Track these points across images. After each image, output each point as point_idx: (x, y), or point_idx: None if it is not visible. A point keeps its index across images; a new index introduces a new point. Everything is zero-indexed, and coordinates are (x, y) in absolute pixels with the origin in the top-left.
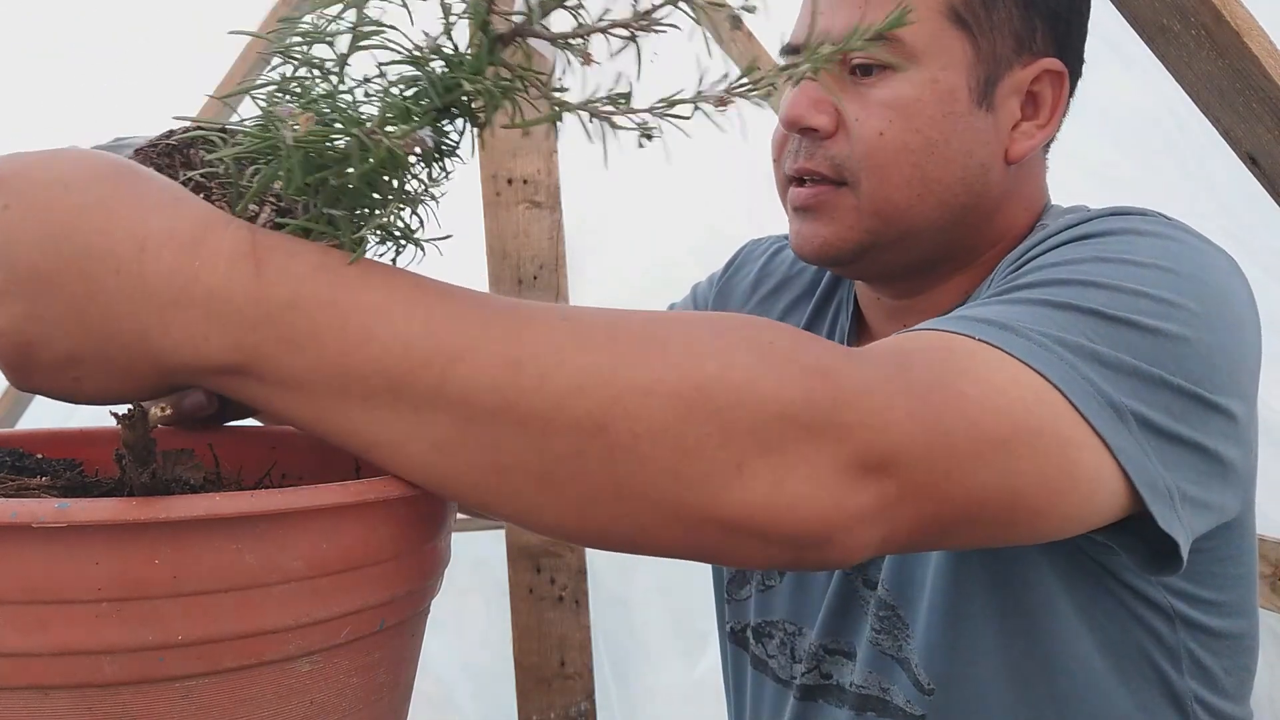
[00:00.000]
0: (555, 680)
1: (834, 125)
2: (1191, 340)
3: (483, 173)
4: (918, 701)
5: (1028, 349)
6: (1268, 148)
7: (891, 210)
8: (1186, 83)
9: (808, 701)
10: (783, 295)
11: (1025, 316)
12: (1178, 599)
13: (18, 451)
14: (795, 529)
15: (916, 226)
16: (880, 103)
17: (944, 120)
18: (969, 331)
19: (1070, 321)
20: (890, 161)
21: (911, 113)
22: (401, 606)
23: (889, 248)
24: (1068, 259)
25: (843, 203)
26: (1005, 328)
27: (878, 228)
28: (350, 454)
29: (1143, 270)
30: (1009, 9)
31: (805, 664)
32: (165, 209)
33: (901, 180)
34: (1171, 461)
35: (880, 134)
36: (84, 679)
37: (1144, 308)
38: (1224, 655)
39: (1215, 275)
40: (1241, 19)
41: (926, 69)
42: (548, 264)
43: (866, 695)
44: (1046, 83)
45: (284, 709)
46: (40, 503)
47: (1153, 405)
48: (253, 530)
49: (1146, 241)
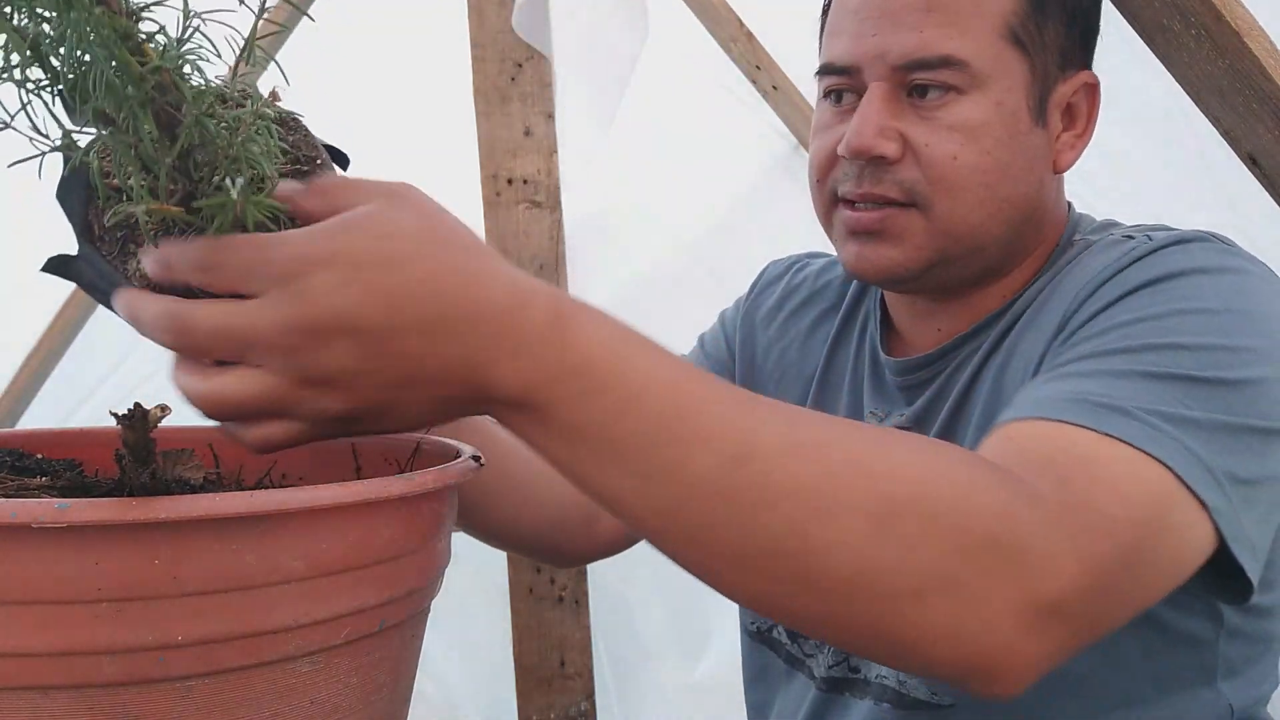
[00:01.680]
0: (555, 680)
1: (901, 151)
2: (1263, 380)
3: (483, 173)
4: (946, 692)
5: (1144, 435)
6: (1268, 148)
7: (964, 230)
8: (1186, 83)
9: (831, 694)
10: (811, 309)
11: (1129, 393)
12: (1230, 608)
13: (18, 451)
14: (961, 660)
15: (983, 243)
16: (949, 126)
17: (1011, 141)
18: (1092, 424)
19: (1168, 392)
20: (965, 184)
21: (981, 135)
22: (401, 607)
23: (953, 264)
24: (1149, 314)
25: (912, 225)
26: (1120, 412)
27: (947, 246)
28: (350, 457)
29: (1217, 319)
30: (1056, 26)
31: (833, 656)
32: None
33: (975, 201)
34: (1251, 503)
35: (954, 158)
36: (84, 679)
37: (1224, 360)
38: (1255, 661)
39: (1271, 302)
40: (1241, 19)
41: (991, 92)
42: (548, 264)
43: (888, 687)
44: (1083, 95)
45: (284, 709)
46: (40, 503)
47: (1239, 455)
48: (253, 530)
49: (1211, 281)
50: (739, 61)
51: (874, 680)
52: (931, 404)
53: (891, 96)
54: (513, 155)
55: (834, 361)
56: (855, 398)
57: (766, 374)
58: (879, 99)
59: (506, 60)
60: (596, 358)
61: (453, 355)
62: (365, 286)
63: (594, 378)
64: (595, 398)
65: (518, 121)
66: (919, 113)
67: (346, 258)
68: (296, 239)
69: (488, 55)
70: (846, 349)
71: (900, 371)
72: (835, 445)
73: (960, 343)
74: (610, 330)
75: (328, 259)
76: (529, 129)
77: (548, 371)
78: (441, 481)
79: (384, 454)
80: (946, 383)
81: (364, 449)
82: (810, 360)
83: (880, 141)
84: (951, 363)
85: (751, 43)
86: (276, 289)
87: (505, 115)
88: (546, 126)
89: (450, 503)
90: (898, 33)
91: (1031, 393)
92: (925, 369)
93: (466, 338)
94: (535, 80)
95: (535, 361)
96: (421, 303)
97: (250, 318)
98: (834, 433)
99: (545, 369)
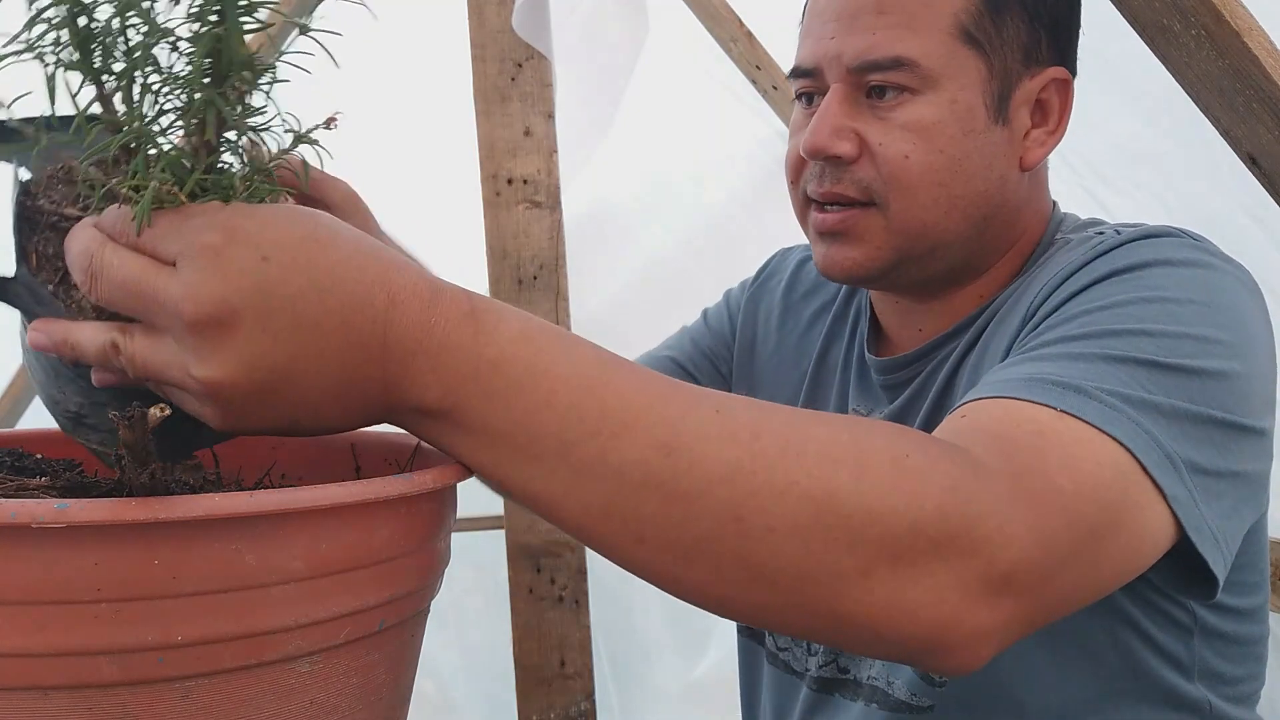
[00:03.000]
0: (555, 680)
1: (857, 151)
2: (1229, 373)
3: (482, 173)
4: (924, 693)
5: (1100, 414)
6: (1268, 148)
7: (920, 228)
8: (1186, 83)
9: (822, 694)
10: (811, 302)
11: (1090, 374)
12: (1204, 608)
13: (18, 451)
14: (912, 636)
15: (943, 241)
16: (902, 126)
17: (965, 139)
18: (1048, 400)
19: (1128, 375)
20: (917, 182)
21: (934, 134)
22: (401, 607)
23: (915, 263)
24: (1111, 302)
25: (871, 224)
26: (1078, 390)
27: (906, 245)
28: (350, 457)
29: (1181, 308)
30: (1016, 24)
31: (821, 657)
32: (402, 268)
33: (929, 199)
34: (1213, 495)
35: (906, 156)
36: (84, 679)
37: (1188, 349)
38: (1237, 661)
39: (1240, 299)
40: (1241, 19)
41: (945, 90)
42: (548, 264)
43: (877, 688)
44: (1053, 91)
45: (284, 709)
46: (40, 503)
47: (1200, 445)
48: (252, 530)
49: (1178, 273)
50: (739, 61)
51: (864, 681)
52: (911, 402)
53: (849, 98)
54: (513, 155)
55: (826, 360)
56: (842, 395)
57: (763, 361)
58: (836, 100)
59: (506, 60)
60: (513, 351)
61: (369, 343)
62: (287, 261)
63: (513, 371)
64: (515, 393)
65: (518, 121)
66: (875, 113)
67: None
68: (220, 208)
69: (488, 55)
70: (839, 347)
71: (883, 371)
72: (766, 429)
73: (940, 343)
74: (524, 324)
75: (255, 230)
76: (529, 129)
77: (464, 366)
78: (441, 481)
79: (384, 454)
80: (925, 381)
81: (364, 449)
82: (805, 356)
83: (835, 141)
84: (930, 362)
85: (751, 43)
86: (196, 257)
87: (505, 115)
88: (546, 126)
89: (450, 503)
90: (852, 35)
91: (991, 376)
92: (906, 368)
93: (387, 325)
94: (535, 80)
95: (454, 353)
96: (343, 284)
97: (162, 278)
98: (765, 417)
99: (462, 362)
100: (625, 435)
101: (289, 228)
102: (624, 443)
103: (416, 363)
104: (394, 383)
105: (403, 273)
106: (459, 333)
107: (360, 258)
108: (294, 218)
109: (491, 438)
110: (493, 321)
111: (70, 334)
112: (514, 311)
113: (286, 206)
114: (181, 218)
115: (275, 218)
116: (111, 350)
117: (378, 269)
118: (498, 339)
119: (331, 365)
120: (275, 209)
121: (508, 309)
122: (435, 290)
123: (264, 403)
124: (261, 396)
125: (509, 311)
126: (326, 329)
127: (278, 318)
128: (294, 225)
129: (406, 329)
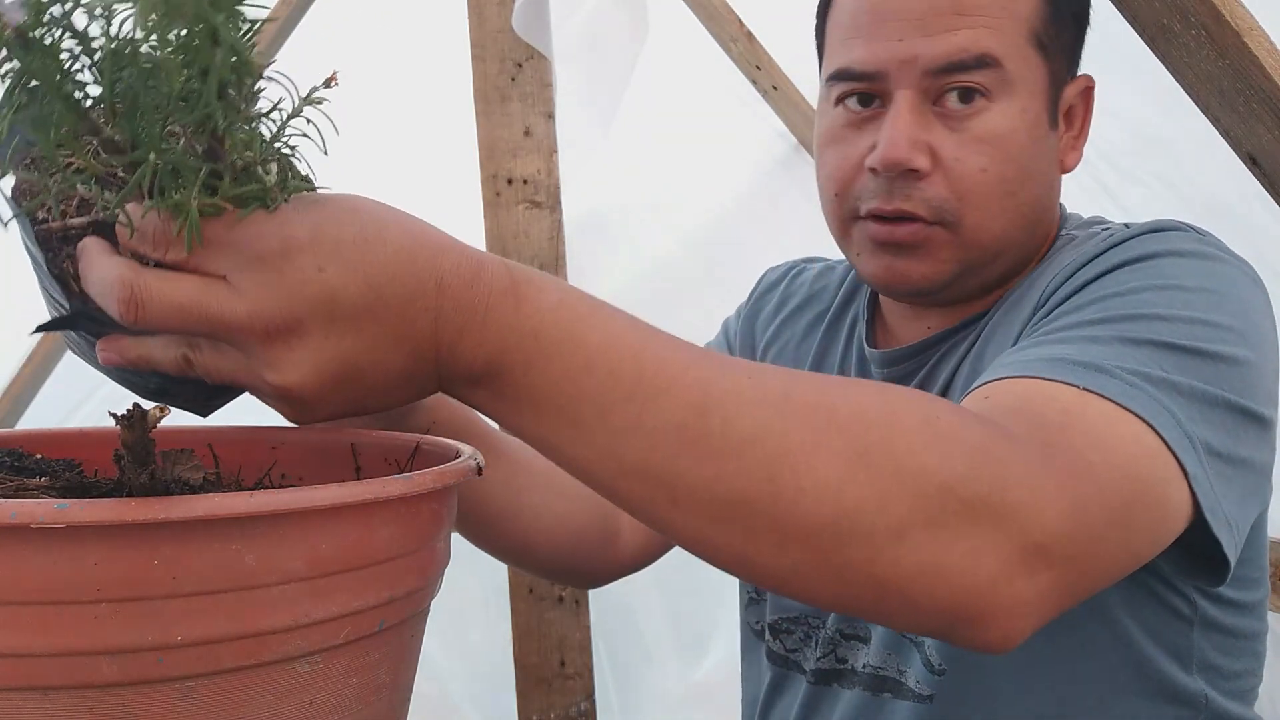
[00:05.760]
0: (555, 680)
1: (931, 165)
2: (1240, 359)
3: (482, 173)
4: (927, 682)
5: (1124, 391)
6: (1268, 148)
7: (989, 239)
8: (1186, 83)
9: (820, 686)
10: (805, 313)
11: (1109, 355)
12: (1205, 600)
13: (17, 451)
14: (947, 602)
15: (1005, 249)
16: (977, 137)
17: (1032, 146)
18: (1071, 379)
19: (1147, 356)
20: (991, 194)
21: (1008, 144)
22: (401, 607)
23: (977, 272)
24: (1125, 289)
25: (942, 239)
26: (1099, 369)
27: (972, 257)
28: (350, 457)
29: (1193, 295)
30: (1070, 30)
31: (820, 649)
32: (447, 250)
33: (999, 209)
34: (1225, 479)
35: (983, 170)
36: (84, 679)
37: (1201, 334)
38: (1235, 655)
39: (1245, 292)
40: (1241, 19)
41: (1018, 97)
42: (548, 264)
43: (880, 676)
44: (1081, 96)
45: (283, 709)
46: (39, 503)
47: (1214, 428)
48: (252, 530)
49: (1187, 264)
50: (739, 61)
51: (861, 670)
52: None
53: (919, 107)
54: (513, 155)
55: (823, 364)
56: None
57: None
58: (907, 110)
59: (506, 60)
60: (552, 320)
61: (424, 328)
62: (344, 266)
63: (551, 339)
64: (554, 360)
65: (518, 121)
66: (946, 124)
67: (329, 236)
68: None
69: (488, 55)
70: (835, 349)
71: (884, 364)
72: (796, 391)
73: (946, 336)
74: (562, 293)
75: (309, 240)
76: (529, 129)
77: (507, 337)
78: (441, 482)
79: (384, 454)
80: (930, 374)
81: (364, 449)
82: (800, 363)
83: (914, 155)
84: (936, 354)
85: (751, 43)
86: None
87: (505, 115)
88: (546, 126)
89: (450, 503)
90: (928, 36)
91: (1008, 357)
92: (910, 360)
93: (438, 310)
94: (535, 80)
95: (496, 327)
96: (397, 280)
97: (220, 298)
98: (796, 381)
99: (505, 334)
100: (661, 398)
101: (338, 229)
102: (660, 405)
103: (464, 339)
104: (445, 359)
105: (448, 254)
106: (500, 307)
107: (409, 247)
108: (341, 218)
109: (534, 404)
110: (533, 293)
111: (142, 352)
112: (554, 282)
113: (330, 204)
114: (225, 230)
115: (324, 221)
116: (185, 363)
117: (426, 255)
118: (538, 310)
119: (393, 354)
120: (320, 211)
121: (548, 279)
122: (478, 267)
123: (335, 396)
124: (333, 391)
125: (549, 282)
126: (386, 323)
127: (341, 322)
128: (343, 226)
129: (455, 310)
